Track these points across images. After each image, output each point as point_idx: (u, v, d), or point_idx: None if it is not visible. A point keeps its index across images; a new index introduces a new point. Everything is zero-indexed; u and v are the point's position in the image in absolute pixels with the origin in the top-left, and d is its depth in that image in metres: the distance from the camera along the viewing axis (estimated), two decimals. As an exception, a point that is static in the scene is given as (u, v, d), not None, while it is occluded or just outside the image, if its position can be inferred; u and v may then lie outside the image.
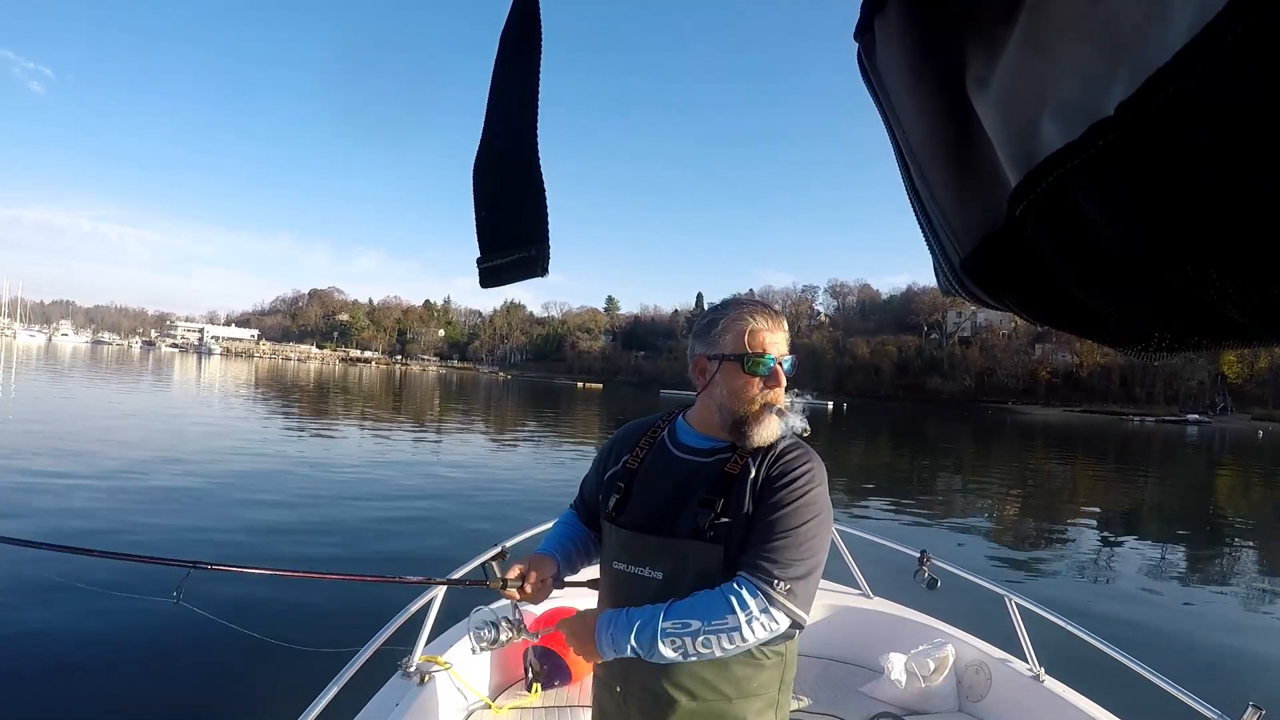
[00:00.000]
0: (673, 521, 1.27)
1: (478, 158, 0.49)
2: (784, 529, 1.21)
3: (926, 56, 0.37)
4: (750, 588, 1.17)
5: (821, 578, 1.27)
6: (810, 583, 1.21)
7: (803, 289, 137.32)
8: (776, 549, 1.20)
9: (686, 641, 1.16)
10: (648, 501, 1.32)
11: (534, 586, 1.39)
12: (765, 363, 1.28)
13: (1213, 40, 0.22)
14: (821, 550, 1.25)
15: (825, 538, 1.26)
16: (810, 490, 1.25)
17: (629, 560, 1.31)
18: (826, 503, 1.28)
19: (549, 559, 1.44)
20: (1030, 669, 2.60)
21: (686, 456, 1.33)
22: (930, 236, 0.45)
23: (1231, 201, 0.25)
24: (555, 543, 1.50)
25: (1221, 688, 4.32)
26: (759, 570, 1.18)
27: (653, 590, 1.26)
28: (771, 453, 1.30)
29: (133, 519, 7.50)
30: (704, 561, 1.23)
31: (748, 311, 1.30)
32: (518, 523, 3.12)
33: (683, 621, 1.16)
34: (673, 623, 1.17)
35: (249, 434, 16.50)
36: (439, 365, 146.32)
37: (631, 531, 1.31)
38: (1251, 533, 12.35)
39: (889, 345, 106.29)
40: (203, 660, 4.24)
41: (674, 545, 1.26)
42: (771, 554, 1.20)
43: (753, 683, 1.24)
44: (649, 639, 1.17)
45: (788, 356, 1.32)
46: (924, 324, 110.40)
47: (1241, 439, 48.02)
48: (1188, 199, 0.26)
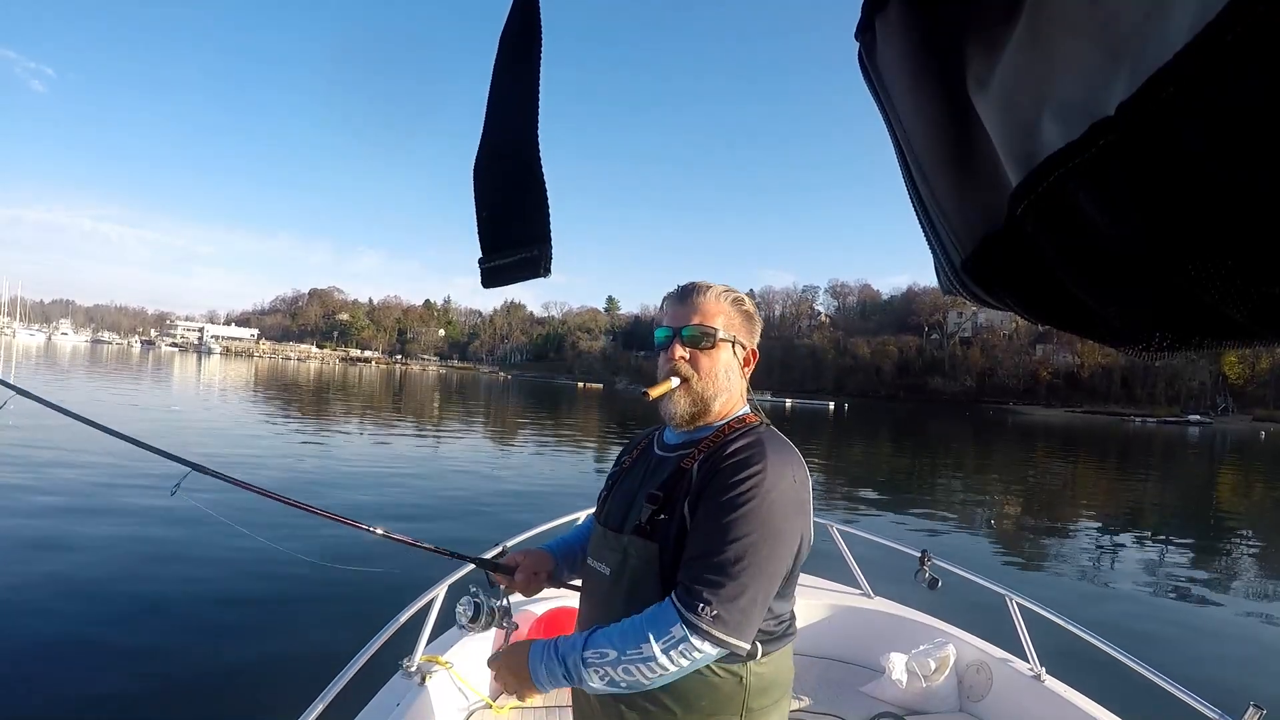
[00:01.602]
0: (625, 517, 1.25)
1: (478, 157, 0.49)
2: (716, 544, 1.09)
3: (927, 56, 0.37)
4: (671, 613, 1.07)
5: (821, 578, 1.24)
6: (745, 606, 1.06)
7: (803, 289, 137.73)
8: (706, 566, 1.08)
9: (609, 671, 1.08)
10: (619, 498, 1.31)
11: (525, 577, 1.41)
12: (657, 336, 1.30)
13: (1213, 40, 0.22)
14: (763, 569, 1.08)
15: (771, 554, 1.10)
16: (752, 498, 1.10)
17: (593, 555, 1.32)
18: (778, 510, 1.11)
19: (546, 555, 1.45)
20: (1031, 669, 2.60)
21: (661, 454, 1.31)
22: (931, 236, 0.45)
23: (1232, 201, 0.25)
24: (560, 541, 1.52)
25: (1222, 687, 4.31)
26: (684, 591, 1.08)
27: (603, 587, 1.25)
28: (721, 445, 1.20)
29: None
30: (640, 558, 1.19)
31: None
32: (517, 523, 3.13)
33: (600, 651, 1.09)
34: (593, 652, 1.09)
35: (249, 434, 16.51)
36: (439, 365, 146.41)
37: (601, 527, 1.32)
38: (1253, 533, 12.34)
39: (890, 345, 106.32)
40: (203, 660, 4.24)
41: (619, 540, 1.24)
42: (699, 573, 1.08)
43: (703, 701, 1.14)
44: (575, 669, 1.10)
45: (689, 326, 1.24)
46: (925, 324, 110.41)
47: (1243, 440, 47.99)
48: (1188, 199, 0.26)
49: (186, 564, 6.10)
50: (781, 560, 1.12)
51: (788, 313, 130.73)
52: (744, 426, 1.24)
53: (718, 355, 1.25)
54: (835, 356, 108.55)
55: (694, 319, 1.25)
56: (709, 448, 1.21)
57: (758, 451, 1.15)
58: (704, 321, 1.25)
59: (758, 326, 1.33)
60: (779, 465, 1.14)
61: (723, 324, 1.26)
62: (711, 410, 1.26)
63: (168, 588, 5.50)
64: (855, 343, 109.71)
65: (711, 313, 1.26)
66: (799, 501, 1.15)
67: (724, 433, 1.23)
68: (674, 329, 1.26)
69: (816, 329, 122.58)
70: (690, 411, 1.25)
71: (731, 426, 1.25)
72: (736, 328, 1.28)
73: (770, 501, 1.10)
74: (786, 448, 1.20)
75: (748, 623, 1.08)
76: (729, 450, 1.18)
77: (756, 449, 1.16)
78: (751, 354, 1.32)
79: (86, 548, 6.33)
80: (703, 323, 1.25)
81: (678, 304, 1.28)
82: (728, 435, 1.22)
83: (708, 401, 1.25)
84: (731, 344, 1.27)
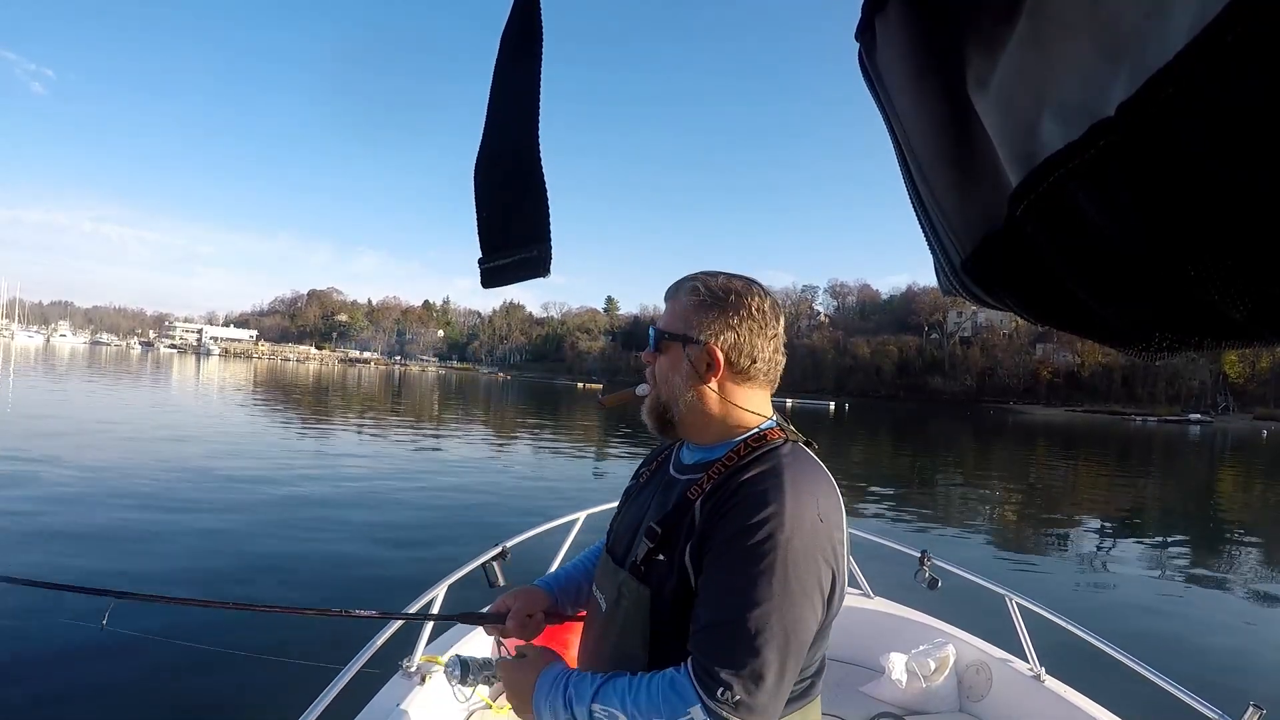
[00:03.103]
0: (628, 548, 1.10)
1: (479, 158, 0.49)
2: (731, 611, 0.91)
3: (927, 57, 0.37)
4: (689, 692, 0.91)
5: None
6: (772, 686, 0.90)
7: (803, 289, 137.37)
8: (722, 639, 0.91)
9: None
10: (626, 523, 1.17)
11: (517, 623, 1.26)
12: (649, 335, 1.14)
13: (1213, 41, 0.22)
14: (790, 637, 0.91)
15: (799, 618, 0.91)
16: (768, 550, 0.90)
17: (596, 581, 1.19)
18: (801, 563, 0.92)
19: (539, 593, 1.32)
20: (1031, 669, 2.60)
21: (674, 475, 1.12)
22: (931, 236, 0.45)
23: (1232, 202, 0.25)
24: (562, 573, 1.40)
25: (1222, 687, 4.31)
26: (701, 669, 0.91)
27: (598, 621, 1.13)
28: (730, 473, 1.01)
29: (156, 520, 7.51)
30: (632, 600, 1.04)
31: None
32: (519, 523, 3.12)
33: (610, 711, 0.96)
34: (601, 709, 0.97)
35: (248, 434, 16.51)
36: (438, 366, 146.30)
37: (606, 553, 1.19)
38: (1253, 533, 12.33)
39: (890, 345, 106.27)
40: (203, 660, 4.23)
41: (616, 575, 1.09)
42: (715, 647, 0.91)
43: None
44: (583, 716, 0.99)
45: (653, 327, 1.13)
46: (925, 324, 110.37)
47: (1244, 439, 47.96)
48: (1188, 199, 0.26)
49: (180, 575, 6.09)
50: (810, 621, 0.94)
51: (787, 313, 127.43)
52: (762, 446, 1.03)
53: (666, 358, 1.10)
54: (835, 356, 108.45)
55: (663, 319, 1.12)
56: (718, 475, 1.02)
57: (773, 485, 0.95)
58: (668, 321, 1.10)
59: (730, 314, 1.06)
60: (799, 502, 0.94)
61: (668, 321, 1.10)
62: (680, 419, 1.09)
63: (168, 587, 5.51)
64: (855, 343, 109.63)
65: (672, 310, 1.11)
66: (827, 545, 0.95)
67: (738, 454, 1.03)
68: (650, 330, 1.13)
69: (816, 329, 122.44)
70: (652, 422, 1.13)
71: (748, 445, 1.04)
72: (686, 322, 1.07)
73: (792, 551, 0.91)
74: (809, 474, 1.00)
75: (775, 703, 0.92)
76: (739, 482, 0.98)
77: (771, 480, 0.96)
78: (707, 352, 1.05)
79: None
80: (668, 323, 1.10)
81: (668, 301, 1.14)
82: (741, 458, 1.02)
83: (667, 408, 1.10)
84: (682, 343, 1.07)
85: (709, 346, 1.05)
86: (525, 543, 2.67)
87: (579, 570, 1.39)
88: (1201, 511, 15.09)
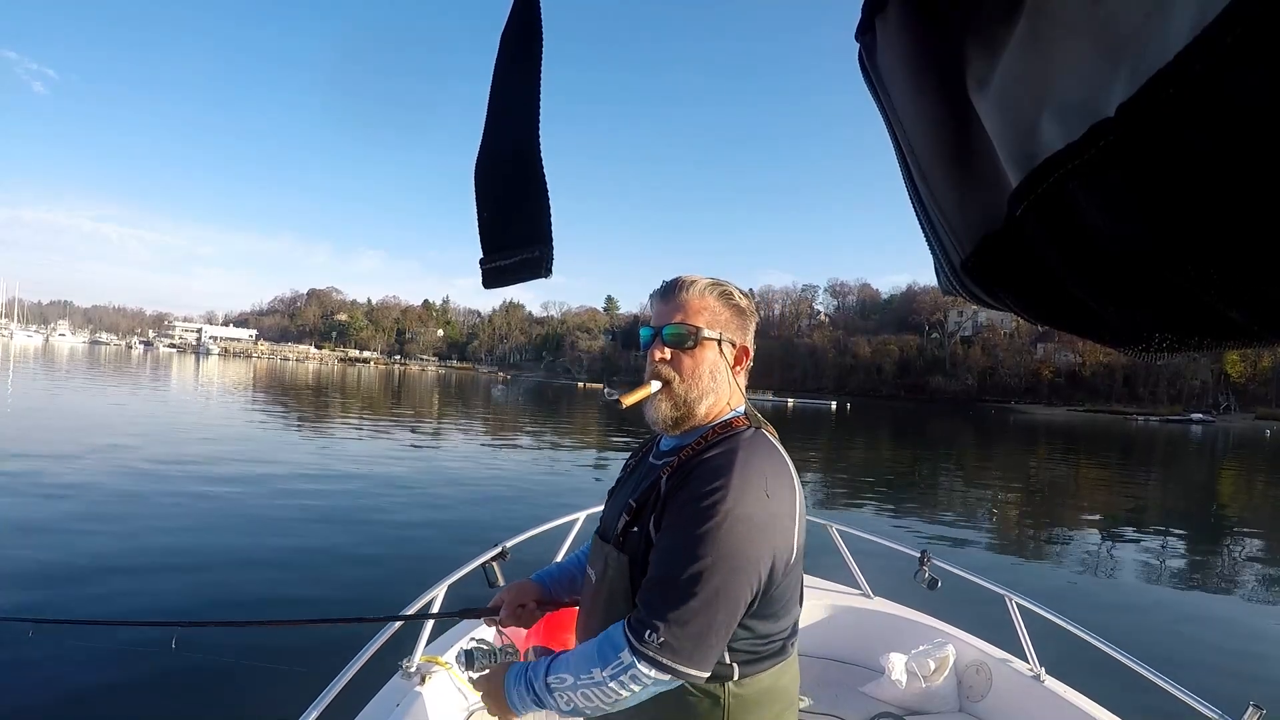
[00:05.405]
0: (614, 525, 1.20)
1: (479, 158, 0.49)
2: (671, 567, 1.02)
3: (927, 57, 0.37)
4: (620, 639, 1.02)
5: (821, 578, 1.20)
6: (698, 633, 0.99)
7: (803, 289, 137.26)
8: (659, 591, 1.02)
9: (570, 695, 1.05)
10: (612, 506, 1.27)
11: (510, 613, 1.37)
12: (641, 336, 1.22)
13: (1214, 41, 0.22)
14: (721, 595, 1.00)
15: (730, 579, 1.00)
16: (710, 516, 1.00)
17: (589, 561, 1.28)
18: (739, 531, 1.01)
19: (530, 585, 1.43)
20: (1031, 669, 2.60)
21: (652, 461, 1.23)
22: (931, 236, 0.45)
23: (1232, 202, 0.25)
24: (556, 567, 1.49)
25: (1222, 688, 4.31)
26: (635, 616, 1.03)
27: (590, 593, 1.22)
28: (696, 454, 1.11)
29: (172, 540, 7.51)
30: (616, 569, 1.14)
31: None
32: (518, 523, 3.12)
33: (560, 676, 1.06)
34: (554, 677, 1.07)
35: (247, 434, 16.52)
36: (438, 365, 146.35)
37: (596, 535, 1.28)
38: (1254, 533, 12.33)
39: (890, 345, 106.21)
40: (203, 660, 4.24)
41: (603, 549, 1.20)
42: (652, 597, 1.02)
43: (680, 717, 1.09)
44: (542, 694, 1.08)
45: (670, 325, 1.16)
46: (925, 323, 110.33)
47: (1246, 438, 47.94)
48: (1189, 200, 0.26)
49: (180, 570, 6.10)
50: (743, 585, 1.02)
51: (787, 312, 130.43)
52: (728, 432, 1.14)
53: (702, 355, 1.16)
54: (835, 356, 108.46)
55: (676, 317, 1.16)
56: (686, 456, 1.12)
57: (726, 463, 1.05)
58: (686, 319, 1.16)
59: (751, 321, 1.22)
60: (748, 478, 1.04)
61: (706, 321, 1.16)
62: (697, 413, 1.17)
63: (167, 584, 5.51)
64: (855, 342, 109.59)
65: (695, 309, 1.16)
66: (769, 518, 1.04)
67: (706, 439, 1.14)
68: (656, 328, 1.18)
69: (816, 328, 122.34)
70: (673, 416, 1.17)
71: (716, 432, 1.15)
72: (723, 324, 1.18)
73: (732, 520, 1.00)
74: (764, 456, 1.09)
75: (701, 650, 1.00)
76: (699, 461, 1.09)
77: (726, 459, 1.06)
78: (743, 351, 1.21)
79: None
80: (685, 320, 1.16)
81: (661, 301, 1.20)
82: (708, 442, 1.13)
83: (691, 405, 1.16)
84: (718, 342, 1.17)
85: (743, 346, 1.21)
86: (525, 543, 2.68)
87: (572, 562, 1.49)
88: (1203, 512, 15.09)
